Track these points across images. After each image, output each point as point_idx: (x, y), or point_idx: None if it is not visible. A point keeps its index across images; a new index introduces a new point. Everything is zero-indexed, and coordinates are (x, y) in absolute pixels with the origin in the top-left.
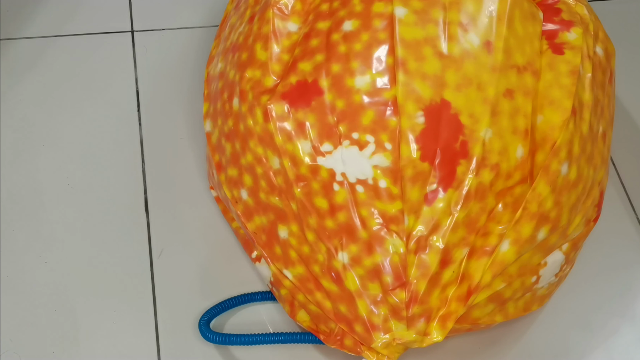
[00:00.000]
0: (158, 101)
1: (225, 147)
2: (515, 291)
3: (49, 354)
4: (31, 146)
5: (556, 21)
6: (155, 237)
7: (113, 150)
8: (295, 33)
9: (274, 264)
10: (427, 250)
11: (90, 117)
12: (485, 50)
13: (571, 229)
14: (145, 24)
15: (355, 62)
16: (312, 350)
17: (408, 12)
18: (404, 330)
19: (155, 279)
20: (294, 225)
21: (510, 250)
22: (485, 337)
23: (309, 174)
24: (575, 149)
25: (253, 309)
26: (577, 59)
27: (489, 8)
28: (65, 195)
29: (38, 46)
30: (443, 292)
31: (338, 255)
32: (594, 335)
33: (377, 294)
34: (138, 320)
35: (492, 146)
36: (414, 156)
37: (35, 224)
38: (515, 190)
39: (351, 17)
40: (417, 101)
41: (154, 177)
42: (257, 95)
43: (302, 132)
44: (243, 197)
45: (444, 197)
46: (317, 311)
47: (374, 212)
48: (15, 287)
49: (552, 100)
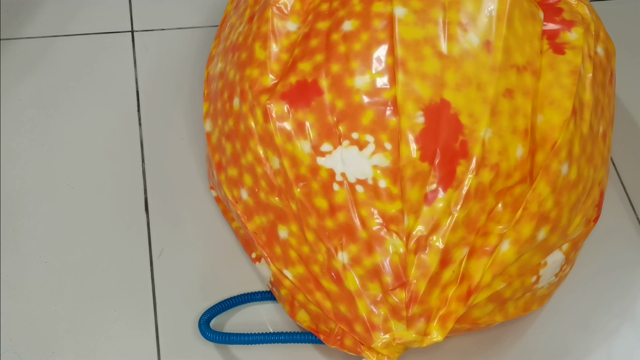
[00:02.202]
0: (158, 101)
1: (225, 147)
2: (515, 291)
3: (49, 354)
4: (31, 146)
5: (557, 21)
6: (155, 237)
7: (113, 150)
8: (295, 33)
9: (274, 264)
10: (427, 250)
11: (90, 117)
12: (485, 50)
13: (571, 229)
14: (145, 24)
15: (354, 62)
16: (312, 350)
17: (407, 12)
18: (404, 330)
19: (155, 279)
20: (294, 225)
21: (510, 250)
22: (485, 337)
23: (308, 174)
24: (575, 149)
25: (253, 309)
26: (578, 59)
27: (488, 8)
28: (65, 195)
29: (38, 46)
30: (443, 292)
31: (338, 255)
32: (594, 335)
33: (377, 294)
34: (138, 320)
35: (491, 146)
36: (413, 156)
37: (35, 224)
38: (515, 190)
39: (351, 17)
40: (416, 101)
41: (154, 177)
42: (256, 95)
43: (301, 132)
44: (243, 197)
45: (443, 197)
46: (317, 311)
47: (374, 212)
48: (15, 287)
49: (553, 100)
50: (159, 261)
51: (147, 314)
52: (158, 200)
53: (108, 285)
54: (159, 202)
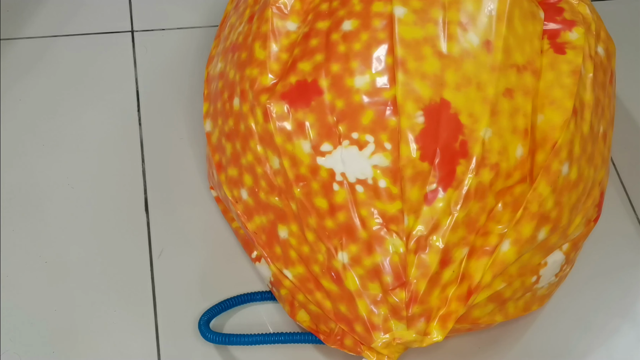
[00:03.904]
0: (158, 101)
1: (225, 146)
2: (516, 291)
3: (49, 354)
4: (31, 146)
5: (558, 20)
6: (155, 237)
7: (113, 150)
8: (294, 32)
9: (274, 264)
10: (427, 250)
11: (90, 117)
12: (485, 49)
13: (571, 229)
14: (145, 24)
15: (354, 62)
16: (312, 350)
17: (407, 11)
18: (404, 330)
19: (155, 279)
20: (294, 225)
21: (510, 250)
22: (485, 337)
23: (308, 174)
24: (576, 149)
25: (253, 309)
26: (578, 59)
27: (488, 7)
28: (65, 195)
29: (38, 46)
30: (443, 291)
31: (338, 255)
32: (594, 335)
33: (377, 293)
34: (138, 320)
35: (491, 146)
36: (413, 156)
37: (35, 224)
38: (515, 189)
39: (350, 16)
40: (416, 101)
41: (154, 177)
42: (256, 95)
43: (301, 132)
44: (243, 197)
45: (443, 197)
46: (317, 311)
47: (374, 212)
48: (15, 287)
49: (553, 100)
50: (159, 261)
51: (147, 314)
52: (158, 200)
53: (108, 285)
54: (159, 202)
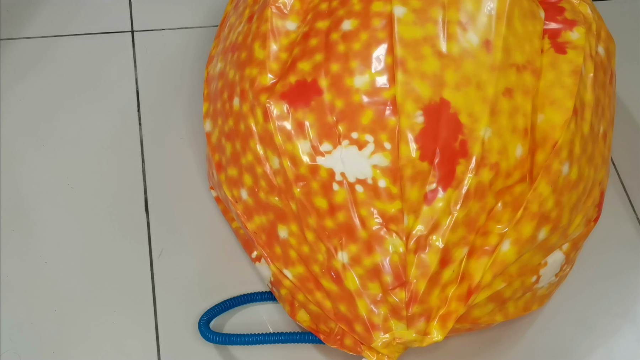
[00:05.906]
0: (158, 101)
1: (225, 146)
2: (516, 291)
3: (49, 354)
4: (31, 146)
5: (559, 20)
6: (155, 237)
7: (113, 150)
8: (294, 32)
9: (274, 264)
10: (426, 249)
11: (90, 117)
12: (485, 49)
13: (572, 229)
14: (145, 24)
15: (354, 62)
16: (312, 350)
17: (407, 11)
18: (404, 330)
19: (155, 279)
20: (294, 225)
21: (511, 250)
22: (485, 337)
23: (308, 173)
24: (576, 149)
25: (253, 309)
26: (579, 59)
27: (488, 7)
28: (65, 195)
29: (38, 46)
30: (443, 291)
31: (338, 255)
32: (594, 335)
33: (377, 293)
34: (138, 320)
35: (491, 145)
36: (413, 156)
37: (35, 224)
38: (515, 189)
39: (350, 16)
40: (416, 100)
41: (154, 177)
42: (256, 94)
43: (301, 132)
44: (243, 196)
45: (443, 197)
46: (317, 311)
47: (374, 211)
48: (15, 287)
49: (554, 99)
50: (159, 261)
51: (147, 314)
52: (158, 200)
53: (108, 285)
54: (159, 202)
